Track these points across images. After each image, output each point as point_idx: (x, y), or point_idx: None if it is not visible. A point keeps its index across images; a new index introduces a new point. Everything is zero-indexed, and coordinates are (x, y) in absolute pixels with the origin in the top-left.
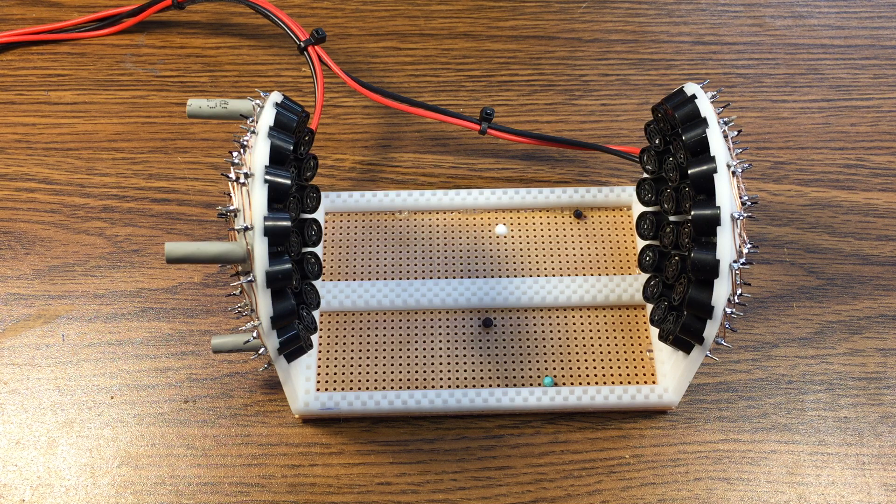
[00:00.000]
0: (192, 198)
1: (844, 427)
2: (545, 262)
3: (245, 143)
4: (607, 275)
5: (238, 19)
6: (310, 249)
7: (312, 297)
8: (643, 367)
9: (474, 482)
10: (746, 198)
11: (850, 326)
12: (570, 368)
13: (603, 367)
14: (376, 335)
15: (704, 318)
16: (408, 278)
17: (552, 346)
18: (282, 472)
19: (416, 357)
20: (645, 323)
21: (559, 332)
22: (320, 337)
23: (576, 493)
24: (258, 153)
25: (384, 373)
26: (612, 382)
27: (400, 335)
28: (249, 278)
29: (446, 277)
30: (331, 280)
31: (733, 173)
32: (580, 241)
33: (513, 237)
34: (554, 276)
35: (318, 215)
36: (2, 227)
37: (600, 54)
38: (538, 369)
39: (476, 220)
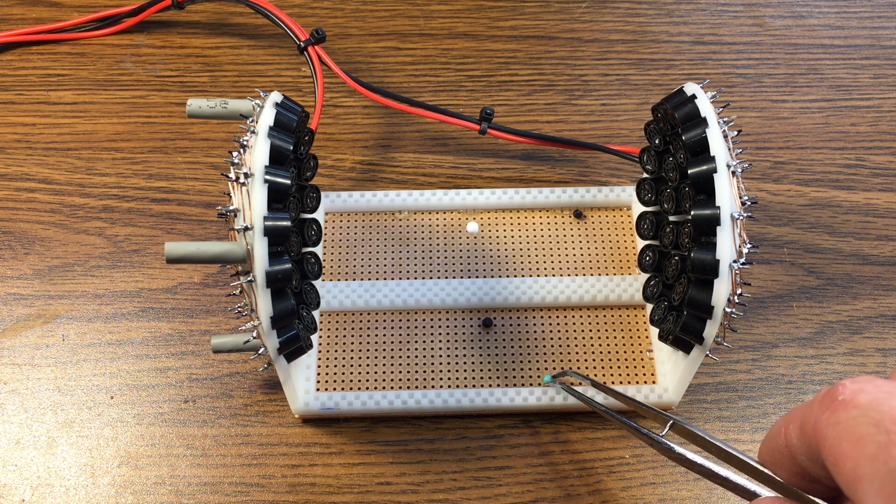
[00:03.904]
0: (192, 198)
1: None
2: (545, 262)
3: (245, 143)
4: (607, 275)
5: (238, 19)
6: (310, 249)
7: (312, 297)
8: (643, 367)
9: (474, 482)
10: (746, 198)
11: (850, 326)
12: (570, 368)
13: (603, 367)
14: (376, 335)
15: (704, 318)
16: (408, 278)
17: (552, 346)
18: (282, 472)
19: (416, 357)
20: (645, 323)
21: (559, 332)
22: (320, 337)
23: (576, 493)
24: (258, 153)
25: (384, 373)
26: (612, 382)
27: (400, 335)
28: (249, 278)
29: (446, 277)
30: (331, 280)
31: (733, 173)
32: (580, 241)
33: (514, 237)
34: (554, 276)
35: (318, 215)
36: (2, 227)
37: (600, 54)
38: (538, 369)
39: (476, 221)
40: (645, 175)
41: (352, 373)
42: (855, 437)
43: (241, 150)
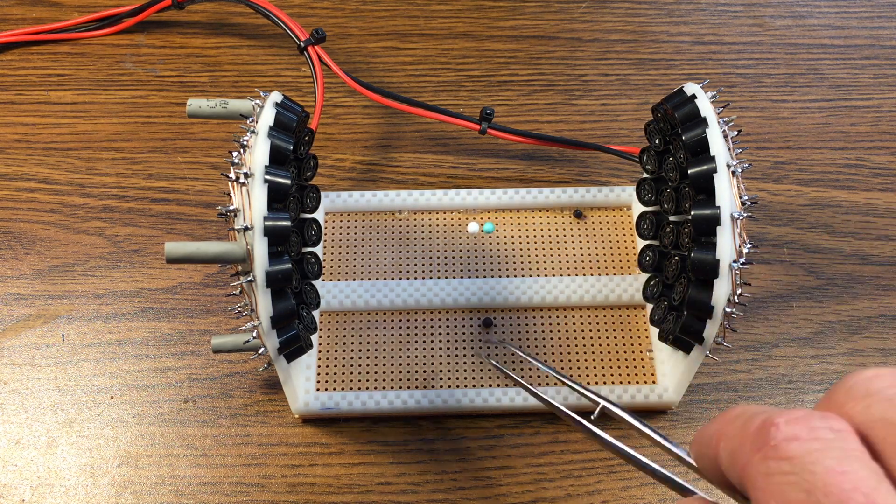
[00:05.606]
0: (192, 198)
1: None
2: (545, 262)
3: (245, 143)
4: (607, 275)
5: (238, 19)
6: (310, 249)
7: (312, 297)
8: (643, 366)
9: (474, 482)
10: (746, 198)
11: (850, 326)
12: (570, 368)
13: (603, 367)
14: (376, 335)
15: (704, 318)
16: (408, 278)
17: (552, 346)
18: (282, 472)
19: (416, 357)
20: (645, 323)
21: (559, 332)
22: (320, 337)
23: (576, 493)
24: (258, 153)
25: (384, 373)
26: (612, 382)
27: (400, 335)
28: (249, 278)
29: (446, 277)
30: (331, 280)
31: (733, 173)
32: (580, 241)
33: (513, 237)
34: (554, 276)
35: (318, 215)
36: (2, 227)
37: (600, 54)
38: (538, 369)
39: (476, 220)
40: (645, 175)
41: (352, 373)
42: (784, 500)
43: (241, 150)
